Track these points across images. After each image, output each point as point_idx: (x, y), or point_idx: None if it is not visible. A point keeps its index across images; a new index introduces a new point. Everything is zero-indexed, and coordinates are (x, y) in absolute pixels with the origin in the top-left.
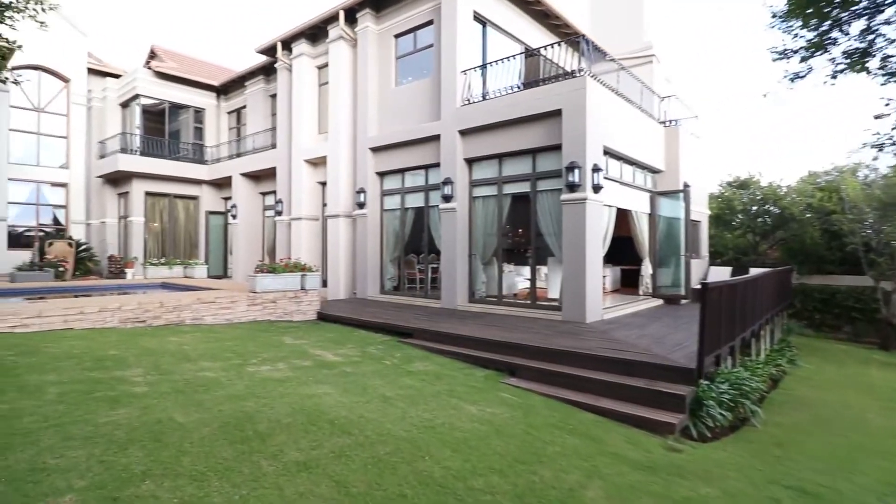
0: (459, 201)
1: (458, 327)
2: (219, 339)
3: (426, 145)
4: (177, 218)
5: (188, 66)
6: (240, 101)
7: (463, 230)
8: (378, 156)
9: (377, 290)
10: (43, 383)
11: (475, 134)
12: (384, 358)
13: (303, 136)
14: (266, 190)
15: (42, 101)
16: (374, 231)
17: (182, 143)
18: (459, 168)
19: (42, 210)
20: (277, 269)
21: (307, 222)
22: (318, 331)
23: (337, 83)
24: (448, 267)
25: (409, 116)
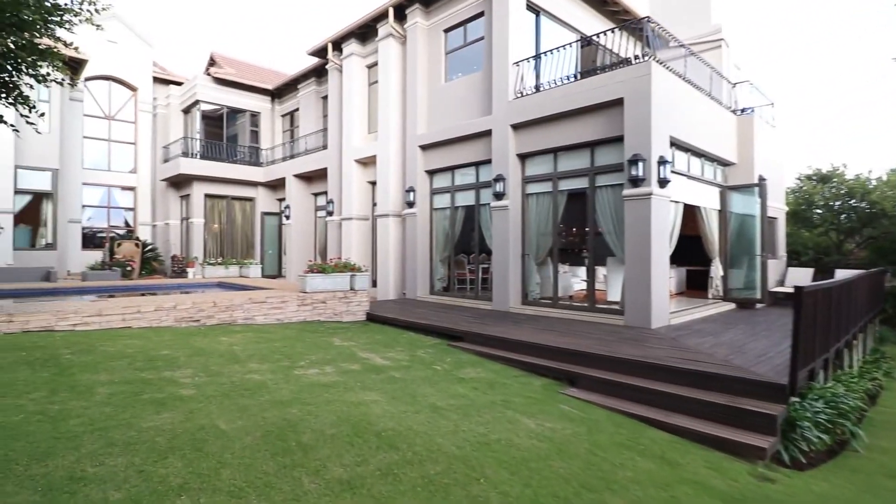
0: (512, 199)
1: (511, 331)
2: (268, 339)
3: (476, 141)
4: (234, 219)
5: (244, 71)
6: (293, 103)
7: (515, 229)
8: (427, 154)
9: (426, 290)
10: (94, 383)
11: (528, 128)
12: (434, 363)
13: (353, 135)
14: (318, 190)
15: (112, 110)
16: (424, 230)
17: (239, 146)
18: (511, 164)
19: (113, 212)
20: (327, 269)
21: (357, 222)
22: (366, 332)
23: (386, 81)
24: (500, 267)
25: (459, 112)
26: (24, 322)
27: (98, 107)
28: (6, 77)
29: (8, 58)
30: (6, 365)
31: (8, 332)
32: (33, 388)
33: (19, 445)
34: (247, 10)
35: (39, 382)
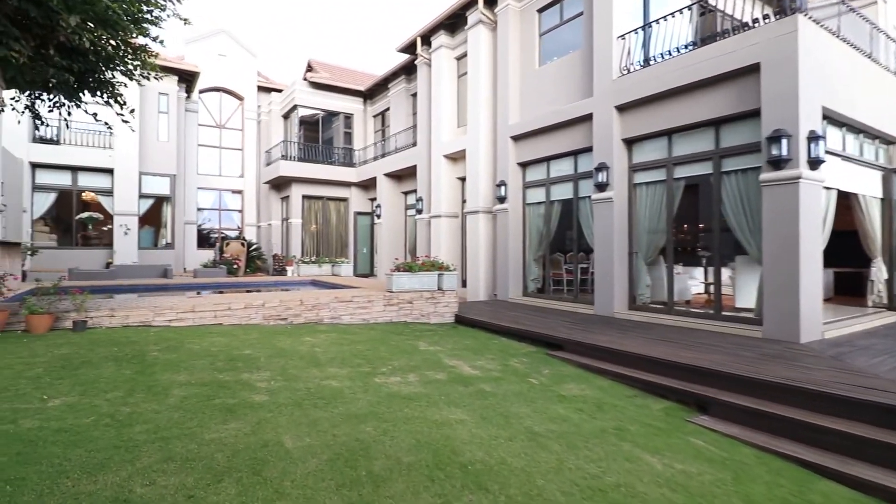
0: (616, 190)
1: (620, 341)
2: (352, 341)
3: (575, 128)
4: (329, 219)
5: (339, 75)
6: (384, 103)
7: (621, 224)
8: (520, 145)
9: (519, 291)
10: (172, 384)
11: (635, 109)
12: (529, 374)
13: (442, 130)
14: (408, 189)
15: (223, 119)
16: (516, 227)
17: (333, 148)
18: (616, 150)
19: (223, 214)
20: (414, 268)
21: (446, 220)
22: (454, 336)
23: (476, 70)
24: (602, 267)
25: (555, 98)
26: (125, 317)
27: (210, 116)
28: (101, 76)
29: (104, 56)
30: (97, 360)
31: (110, 326)
32: (113, 386)
33: (77, 454)
34: (342, 15)
35: (120, 381)
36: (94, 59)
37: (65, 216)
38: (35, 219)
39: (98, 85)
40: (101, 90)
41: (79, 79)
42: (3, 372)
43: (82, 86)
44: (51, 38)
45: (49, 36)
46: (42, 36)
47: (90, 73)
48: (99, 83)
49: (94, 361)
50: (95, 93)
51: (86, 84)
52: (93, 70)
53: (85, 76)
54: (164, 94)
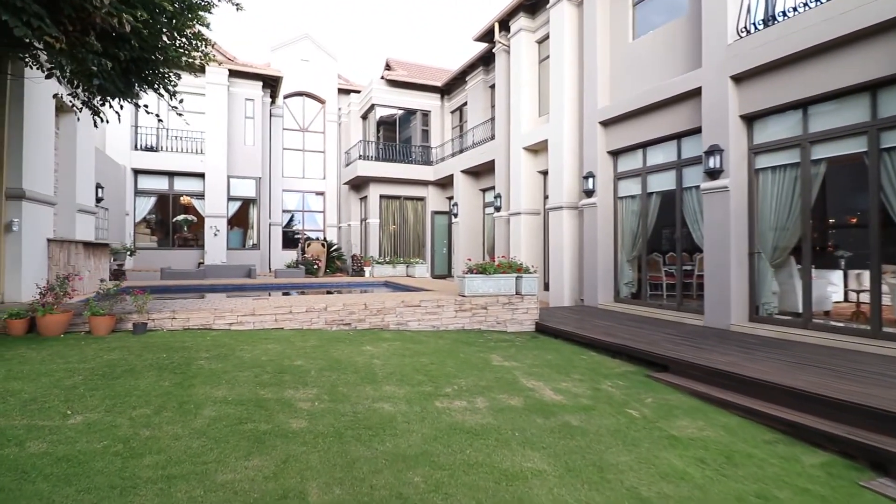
0: (733, 177)
1: (746, 364)
2: (416, 352)
3: (677, 107)
4: (407, 219)
5: (415, 72)
6: (461, 98)
7: (739, 218)
8: (610, 131)
9: (610, 296)
10: (207, 400)
11: (758, 77)
12: (628, 403)
13: (521, 121)
14: (486, 186)
15: (306, 122)
16: (606, 224)
17: (411, 146)
18: (733, 130)
19: (307, 216)
20: (488, 270)
21: (526, 217)
22: (534, 348)
23: (560, 52)
24: (715, 270)
25: (652, 74)
26: (186, 320)
27: (294, 120)
28: (153, 68)
29: (149, 43)
30: (140, 368)
31: (171, 328)
32: (144, 401)
33: (63, 495)
34: (420, 12)
35: (154, 395)
36: (137, 44)
37: (163, 219)
38: (137, 221)
39: (150, 76)
40: (153, 82)
41: (126, 69)
42: (42, 380)
43: (130, 76)
44: (87, 21)
45: (85, 19)
46: (81, 19)
47: (140, 63)
48: (152, 74)
49: (137, 369)
50: (146, 84)
51: (135, 74)
52: (141, 59)
53: (134, 65)
54: (250, 100)
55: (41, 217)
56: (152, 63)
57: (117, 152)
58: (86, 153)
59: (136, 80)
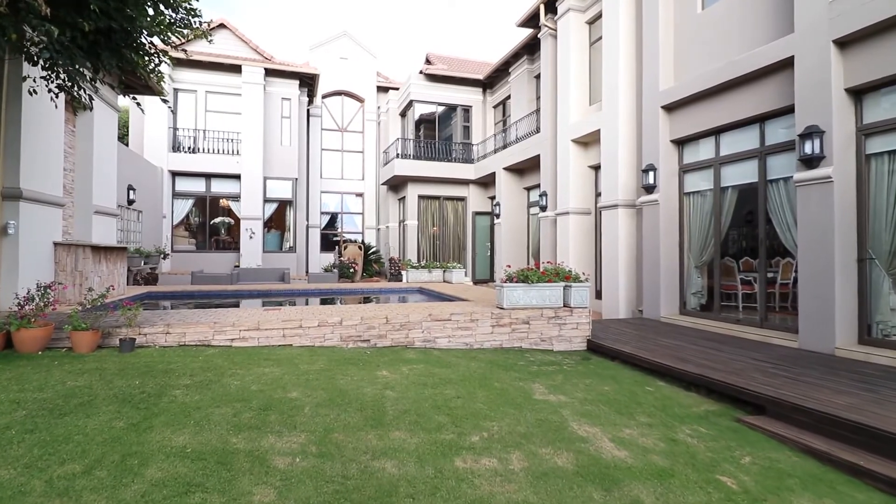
0: (837, 165)
1: (876, 411)
2: (441, 379)
3: (760, 83)
4: (446, 220)
5: (456, 66)
6: (504, 91)
7: (845, 215)
8: (674, 116)
9: (675, 308)
10: (158, 451)
11: (870, 41)
12: (717, 465)
13: (570, 111)
14: (530, 184)
15: (344, 122)
16: (670, 224)
17: (451, 143)
18: (837, 106)
19: (345, 217)
20: (531, 278)
21: (575, 217)
22: (586, 374)
23: (614, 31)
24: (813, 279)
25: (727, 47)
26: (181, 335)
27: (332, 120)
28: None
29: (128, 19)
30: (101, 400)
31: (164, 345)
32: (81, 451)
33: None
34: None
35: (98, 440)
36: (97, 10)
37: (202, 221)
38: (175, 224)
39: (127, 49)
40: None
41: (94, 41)
42: None
43: (99, 49)
44: None
45: None
46: None
47: (111, 34)
48: (128, 47)
49: (96, 402)
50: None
51: (106, 49)
52: (111, 30)
53: (104, 38)
54: (287, 100)
55: (45, 219)
56: (125, 35)
57: (155, 154)
58: (105, 153)
59: (109, 56)
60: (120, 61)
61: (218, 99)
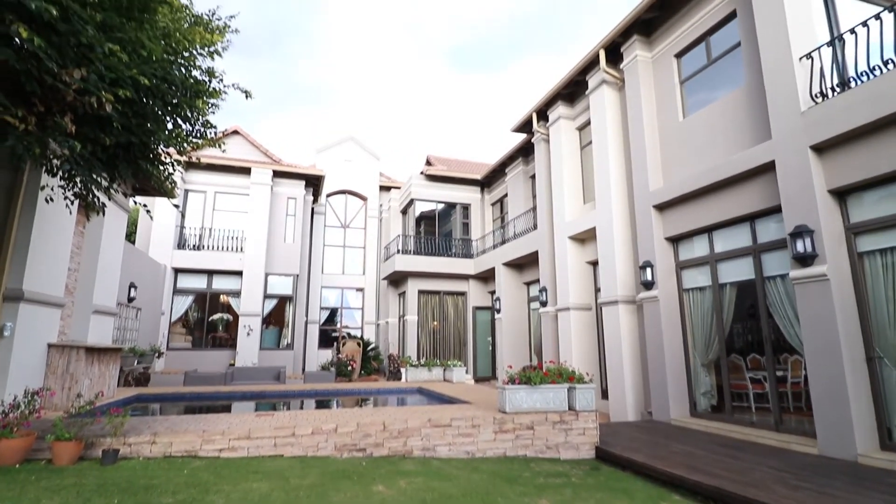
0: (832, 262)
1: None
2: (441, 495)
3: (746, 185)
4: (447, 315)
5: (455, 167)
6: (501, 190)
7: (846, 312)
8: (666, 215)
9: (685, 409)
10: None
11: (847, 146)
12: None
13: (565, 209)
14: (530, 279)
15: (347, 219)
16: (672, 321)
17: (451, 239)
18: (822, 207)
19: (345, 312)
20: (534, 380)
21: (576, 313)
22: (596, 488)
23: (603, 136)
24: (824, 379)
25: (710, 151)
26: (168, 444)
27: (336, 217)
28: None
29: (139, 127)
30: None
31: (149, 455)
32: None
33: None
34: (461, 110)
35: None
36: (120, 126)
37: (200, 317)
38: (173, 321)
39: (144, 161)
40: (145, 168)
41: (113, 154)
42: None
43: (117, 162)
44: (59, 101)
45: (56, 97)
46: (51, 98)
47: (130, 148)
48: (145, 159)
49: None
50: (140, 172)
51: (124, 161)
52: (131, 144)
53: (122, 151)
54: (293, 199)
55: (44, 319)
56: (143, 147)
57: (160, 251)
58: (112, 252)
59: (126, 168)
60: (136, 171)
61: (226, 199)
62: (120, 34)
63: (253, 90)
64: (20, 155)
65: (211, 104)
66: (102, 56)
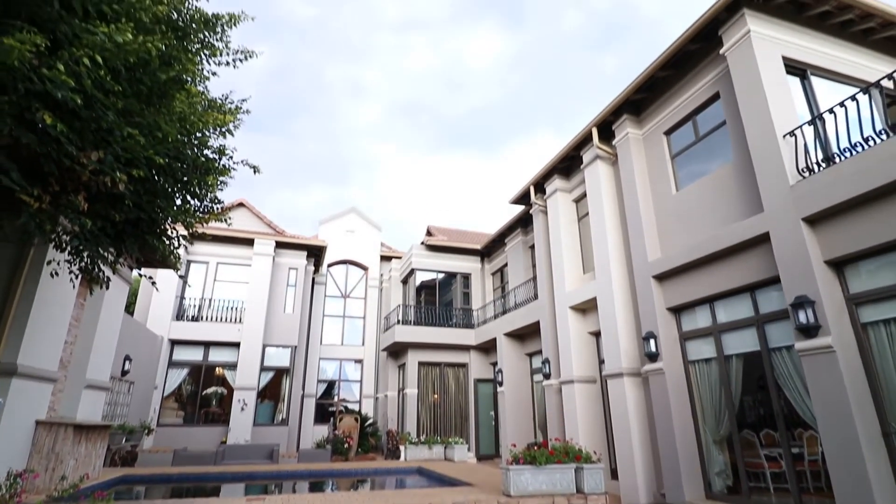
0: (836, 335)
1: None
2: None
3: (744, 255)
4: (448, 388)
5: (455, 237)
6: (501, 259)
7: (857, 386)
8: (666, 285)
9: (699, 490)
10: None
11: (838, 217)
12: None
13: (565, 279)
14: (532, 350)
15: (348, 289)
16: (680, 394)
17: (451, 308)
18: (821, 278)
19: (343, 385)
20: (538, 459)
21: (581, 386)
22: None
23: (599, 209)
24: (841, 456)
25: (705, 223)
26: None
27: (336, 287)
28: (153, 228)
29: (151, 205)
30: None
31: None
32: None
33: None
34: (461, 181)
35: None
36: (131, 204)
37: (194, 390)
38: (165, 395)
39: (151, 237)
40: (152, 243)
41: (121, 230)
42: None
43: (125, 238)
44: (74, 180)
45: (72, 177)
46: (67, 178)
47: (138, 224)
48: (152, 235)
49: None
50: (147, 248)
51: (131, 237)
52: (140, 220)
53: (131, 227)
54: (294, 269)
55: (35, 395)
56: (151, 223)
57: (158, 323)
58: (110, 325)
59: (133, 243)
60: (143, 246)
61: (227, 269)
62: (139, 119)
63: (260, 163)
64: (32, 232)
65: (220, 181)
66: (120, 139)
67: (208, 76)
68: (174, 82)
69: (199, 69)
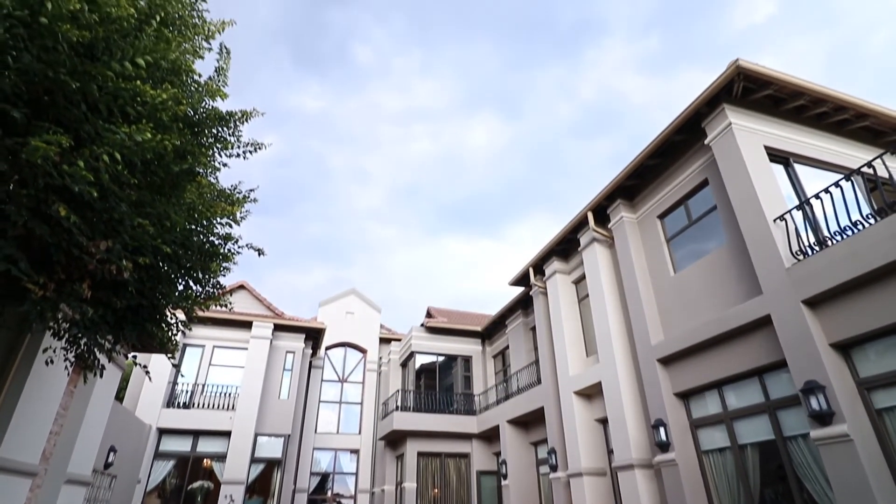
0: (851, 422)
1: None
2: None
3: (748, 338)
4: (448, 480)
5: (456, 318)
6: (502, 342)
7: (881, 477)
8: (672, 369)
9: None
10: None
11: (840, 299)
12: None
13: (568, 363)
14: (537, 438)
15: (345, 372)
16: (695, 488)
17: (452, 393)
18: (827, 361)
19: (337, 478)
20: None
21: (590, 478)
22: None
23: (598, 291)
24: None
25: (705, 304)
26: None
27: (334, 371)
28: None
29: (153, 291)
30: None
31: None
32: None
33: None
34: (457, 264)
35: None
36: (134, 290)
37: (178, 486)
38: (149, 490)
39: (151, 324)
40: (150, 330)
41: (121, 317)
42: None
43: (124, 325)
44: (76, 268)
45: (74, 264)
46: (74, 266)
47: (139, 310)
48: (152, 321)
49: None
50: (145, 335)
51: (131, 324)
52: (141, 307)
53: (132, 314)
54: (291, 352)
55: (10, 491)
56: (152, 310)
57: (148, 410)
58: (98, 414)
59: (131, 330)
60: (141, 334)
61: (223, 353)
62: (149, 209)
63: (263, 245)
64: (32, 319)
65: (224, 266)
66: (130, 228)
67: (219, 167)
68: (186, 174)
69: (210, 161)
